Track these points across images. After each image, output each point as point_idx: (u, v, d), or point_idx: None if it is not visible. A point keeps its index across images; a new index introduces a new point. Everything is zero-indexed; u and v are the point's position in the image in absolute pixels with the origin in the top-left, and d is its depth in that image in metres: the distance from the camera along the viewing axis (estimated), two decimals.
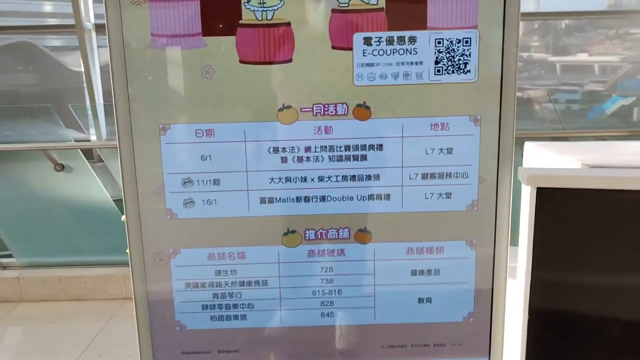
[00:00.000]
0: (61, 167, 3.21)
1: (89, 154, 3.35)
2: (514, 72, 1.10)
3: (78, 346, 2.58)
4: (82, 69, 3.46)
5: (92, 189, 3.26)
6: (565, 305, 1.14)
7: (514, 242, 1.17)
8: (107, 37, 1.07)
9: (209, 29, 1.07)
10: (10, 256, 3.32)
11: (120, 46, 1.08)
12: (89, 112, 3.56)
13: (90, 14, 3.46)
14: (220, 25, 1.07)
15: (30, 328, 2.84)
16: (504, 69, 1.09)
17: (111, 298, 3.12)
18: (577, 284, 1.12)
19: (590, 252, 1.07)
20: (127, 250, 1.16)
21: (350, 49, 1.08)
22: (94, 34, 3.49)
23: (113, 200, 3.22)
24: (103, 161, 3.34)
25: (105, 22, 1.07)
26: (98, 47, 3.50)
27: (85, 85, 3.49)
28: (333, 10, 1.07)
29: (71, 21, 3.38)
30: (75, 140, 3.37)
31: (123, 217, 1.56)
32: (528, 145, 1.36)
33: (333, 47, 1.08)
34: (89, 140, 3.49)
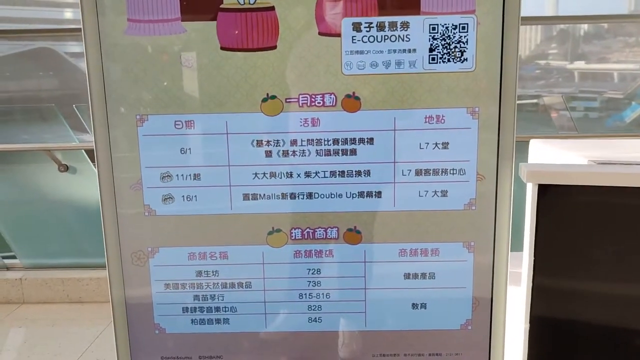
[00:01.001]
0: (65, 168, 3.19)
1: (92, 155, 3.33)
2: (515, 61, 1.02)
3: (77, 349, 2.54)
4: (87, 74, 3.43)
5: (95, 191, 3.23)
6: (570, 311, 1.05)
7: (519, 247, 1.09)
8: (81, 23, 1.01)
9: (188, 14, 1.01)
10: (13, 257, 3.31)
11: (95, 33, 1.02)
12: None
13: None
14: (201, 10, 1.01)
15: (30, 330, 2.82)
16: (504, 58, 1.02)
17: None
18: (581, 289, 1.04)
19: (596, 254, 0.99)
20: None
21: (339, 35, 1.01)
22: None
23: None
24: None
25: (80, 3, 1.02)
26: None
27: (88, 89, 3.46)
28: None
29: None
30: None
31: None
32: (533, 142, 1.28)
33: (320, 34, 1.02)
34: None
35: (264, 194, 1.08)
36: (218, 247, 1.11)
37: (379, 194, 1.08)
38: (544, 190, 0.97)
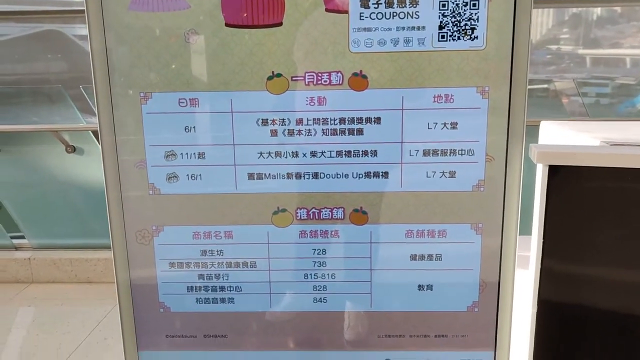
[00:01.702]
0: (72, 149, 3.20)
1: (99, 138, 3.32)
2: (527, 39, 0.99)
3: (85, 328, 2.56)
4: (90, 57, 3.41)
5: (102, 172, 3.24)
6: (578, 295, 1.03)
7: (528, 230, 1.07)
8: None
9: None
10: (22, 237, 3.33)
11: (99, 9, 1.00)
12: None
13: None
14: None
15: (39, 309, 2.85)
16: (515, 35, 0.99)
17: None
18: (590, 273, 1.02)
19: (607, 238, 0.97)
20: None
21: (346, 11, 0.99)
22: None
23: None
24: None
25: None
26: None
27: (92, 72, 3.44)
28: None
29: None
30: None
31: None
32: (544, 125, 1.25)
33: (327, 10, 0.99)
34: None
35: (269, 174, 1.07)
36: (223, 226, 1.10)
37: (385, 175, 1.06)
38: (554, 172, 0.95)
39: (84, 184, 3.31)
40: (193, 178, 1.07)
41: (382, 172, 1.06)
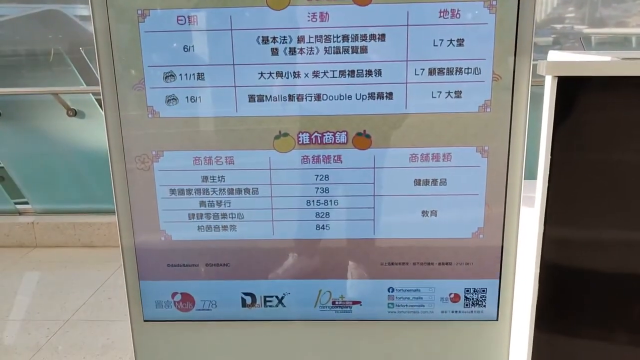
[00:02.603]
0: (74, 113, 3.17)
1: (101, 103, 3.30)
2: None
3: (89, 288, 2.57)
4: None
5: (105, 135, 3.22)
6: (587, 218, 1.01)
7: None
8: None
9: None
10: (26, 203, 3.33)
11: None
12: None
13: None
14: None
15: (43, 272, 2.86)
16: None
17: None
18: (601, 194, 1.00)
19: (619, 154, 0.94)
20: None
21: None
22: None
23: None
24: None
25: None
26: None
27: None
28: None
29: None
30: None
31: None
32: (552, 52, 1.22)
33: None
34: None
35: (270, 95, 1.04)
36: (224, 151, 1.08)
37: (390, 95, 1.04)
38: (563, 84, 0.92)
39: (86, 148, 3.29)
40: (192, 100, 1.05)
41: (386, 92, 1.04)
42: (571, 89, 0.92)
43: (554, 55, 1.19)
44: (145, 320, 1.18)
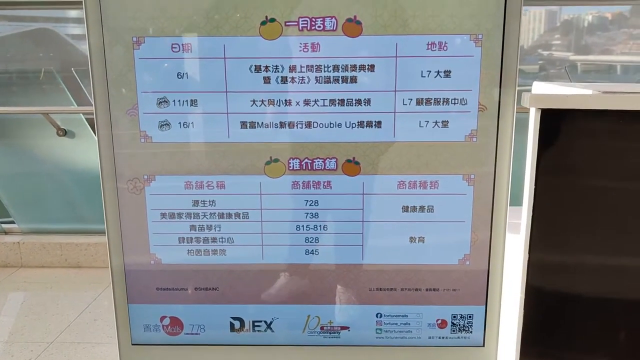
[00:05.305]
0: (64, 132, 3.18)
1: (93, 125, 3.31)
2: None
3: (74, 310, 2.54)
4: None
5: (95, 156, 3.22)
6: (571, 245, 1.04)
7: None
8: None
9: None
10: (12, 222, 3.31)
11: None
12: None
13: None
14: None
15: (28, 292, 2.82)
16: None
17: None
18: (584, 220, 1.02)
19: (599, 182, 0.97)
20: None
21: None
22: None
23: None
24: None
25: None
26: None
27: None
28: None
29: None
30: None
31: None
32: (537, 84, 1.26)
33: None
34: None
35: (262, 122, 1.06)
36: (215, 176, 1.09)
37: (378, 124, 1.06)
38: (546, 116, 0.95)
39: (75, 168, 3.29)
40: (185, 126, 1.07)
41: (375, 121, 1.06)
42: (554, 121, 0.96)
43: (538, 87, 1.23)
44: (133, 344, 1.17)
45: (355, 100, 1.05)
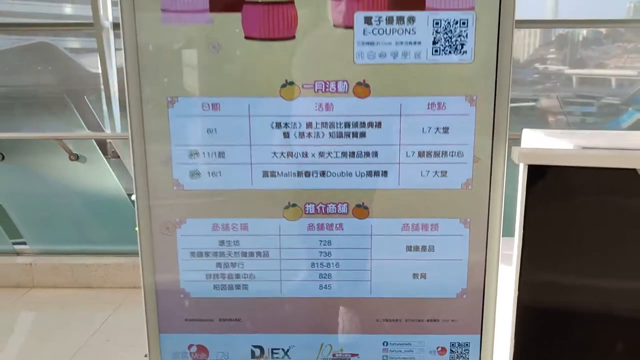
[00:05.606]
0: (75, 157, 3.29)
1: (103, 149, 3.43)
2: (510, 54, 1.13)
3: (87, 331, 2.63)
4: (99, 69, 3.53)
5: (105, 180, 3.34)
6: (556, 282, 1.17)
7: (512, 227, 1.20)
8: (119, 12, 1.12)
9: (216, 5, 1.12)
10: (24, 243, 3.40)
11: (132, 21, 1.13)
12: (104, 109, 3.63)
13: (108, 13, 3.54)
14: (227, 2, 1.12)
15: (41, 312, 2.90)
16: (499, 50, 1.13)
17: (120, 287, 3.17)
18: (567, 261, 1.16)
19: (582, 230, 1.11)
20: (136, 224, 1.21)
21: (351, 27, 1.13)
22: (111, 32, 3.58)
23: (127, 193, 3.29)
24: (118, 157, 3.40)
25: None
26: (116, 49, 3.57)
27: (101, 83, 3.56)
28: None
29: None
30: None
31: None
32: (526, 132, 1.40)
33: (334, 26, 1.13)
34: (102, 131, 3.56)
35: (282, 172, 1.20)
36: (239, 219, 1.22)
37: (385, 174, 1.20)
38: (533, 170, 1.09)
39: (85, 191, 3.39)
40: (214, 175, 1.20)
41: (382, 171, 1.20)
42: (539, 172, 1.09)
43: (527, 135, 1.36)
44: None
45: (365, 152, 1.19)
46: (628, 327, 1.16)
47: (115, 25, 3.54)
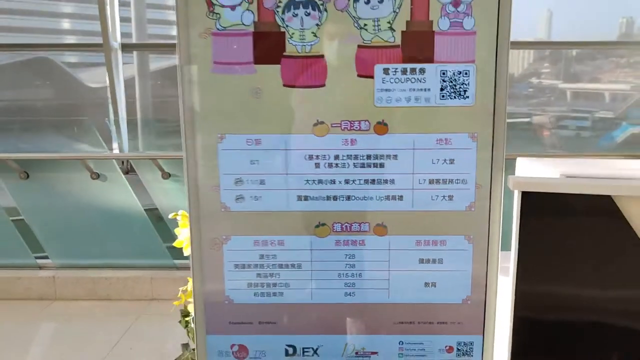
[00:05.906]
0: (96, 176, 3.48)
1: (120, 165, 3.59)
2: (505, 97, 1.35)
3: (110, 340, 2.77)
4: (107, 84, 3.63)
5: (123, 196, 3.51)
6: (548, 291, 1.38)
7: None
8: (177, 62, 1.34)
9: (259, 59, 1.35)
10: (46, 257, 3.56)
11: (188, 70, 1.35)
12: (112, 127, 3.75)
13: (117, 33, 3.65)
14: (268, 56, 1.34)
15: (64, 324, 3.04)
16: (496, 95, 1.36)
17: (138, 299, 3.33)
18: (557, 275, 1.37)
19: (568, 248, 1.33)
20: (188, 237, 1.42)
21: (372, 77, 1.35)
22: (119, 52, 3.69)
23: (144, 208, 3.46)
24: (135, 172, 3.55)
25: (177, 49, 1.34)
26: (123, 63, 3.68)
27: (109, 99, 3.66)
28: (359, 46, 1.34)
29: (91, 39, 3.57)
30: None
31: (171, 215, 1.83)
32: (520, 160, 1.62)
33: (358, 76, 1.35)
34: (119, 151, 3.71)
35: (313, 196, 1.41)
36: (276, 236, 1.44)
37: (401, 198, 1.41)
38: (526, 196, 1.31)
39: (105, 208, 3.55)
40: (255, 199, 1.41)
41: (398, 195, 1.41)
42: (531, 197, 1.31)
43: (521, 164, 1.59)
44: None
45: (383, 180, 1.41)
46: (605, 329, 1.38)
47: (124, 46, 3.68)
